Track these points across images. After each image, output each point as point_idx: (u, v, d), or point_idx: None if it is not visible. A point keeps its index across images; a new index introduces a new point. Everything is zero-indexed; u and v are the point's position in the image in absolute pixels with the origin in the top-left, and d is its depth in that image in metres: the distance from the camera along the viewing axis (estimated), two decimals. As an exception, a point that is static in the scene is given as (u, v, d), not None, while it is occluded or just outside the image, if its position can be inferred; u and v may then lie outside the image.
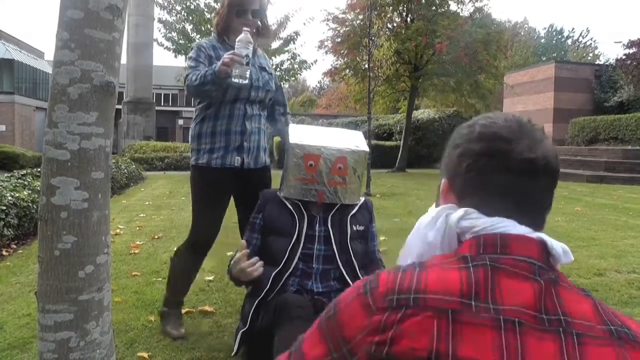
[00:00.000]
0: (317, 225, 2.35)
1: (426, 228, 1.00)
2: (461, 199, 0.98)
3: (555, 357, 0.80)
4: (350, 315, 0.90)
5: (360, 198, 2.49)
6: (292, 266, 2.27)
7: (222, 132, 2.58)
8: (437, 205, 1.03)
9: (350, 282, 2.18)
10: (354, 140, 2.43)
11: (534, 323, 0.82)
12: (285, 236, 2.32)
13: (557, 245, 0.91)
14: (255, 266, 2.12)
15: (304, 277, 2.27)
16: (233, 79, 2.30)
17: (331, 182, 2.33)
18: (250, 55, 2.33)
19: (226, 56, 2.28)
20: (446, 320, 0.81)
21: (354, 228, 2.39)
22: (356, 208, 2.44)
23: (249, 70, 2.34)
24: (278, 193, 2.42)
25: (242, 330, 2.18)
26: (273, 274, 2.24)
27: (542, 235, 0.92)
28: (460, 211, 0.94)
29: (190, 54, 2.60)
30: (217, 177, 2.60)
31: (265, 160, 2.77)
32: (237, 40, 2.33)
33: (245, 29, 2.35)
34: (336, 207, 2.38)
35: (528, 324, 0.82)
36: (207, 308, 3.11)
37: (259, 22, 2.68)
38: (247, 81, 2.36)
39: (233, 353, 2.28)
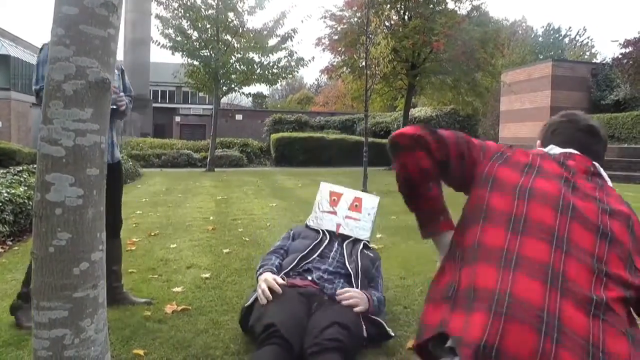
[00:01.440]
0: (336, 244, 2.96)
1: None
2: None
3: (556, 181, 1.42)
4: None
5: (373, 249, 3.20)
6: (313, 257, 2.80)
7: None
8: None
9: (351, 271, 2.75)
10: (370, 194, 3.44)
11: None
12: (310, 239, 2.98)
13: (602, 171, 1.56)
14: (271, 287, 2.45)
15: (320, 264, 2.77)
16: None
17: (348, 217, 3.16)
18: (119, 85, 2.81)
19: None
20: (501, 154, 1.52)
21: (364, 252, 2.97)
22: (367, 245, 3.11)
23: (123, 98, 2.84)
24: (306, 222, 3.24)
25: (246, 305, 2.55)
26: (299, 256, 2.78)
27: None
28: (549, 147, 1.64)
29: (40, 57, 2.71)
30: None
31: (118, 155, 3.01)
32: None
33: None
34: (351, 239, 3.06)
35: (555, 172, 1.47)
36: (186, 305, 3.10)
37: None
38: (118, 106, 2.78)
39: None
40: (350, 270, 2.74)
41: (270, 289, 2.42)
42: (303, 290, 2.50)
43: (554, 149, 1.61)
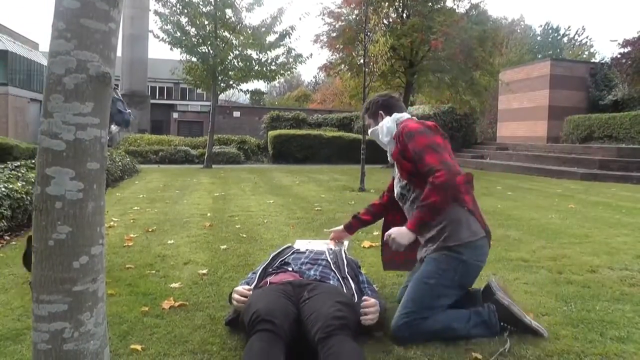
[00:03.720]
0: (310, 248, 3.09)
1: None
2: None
3: None
4: None
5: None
6: (287, 255, 2.94)
7: None
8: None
9: (330, 260, 2.82)
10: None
11: None
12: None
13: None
14: (241, 296, 2.53)
15: (296, 258, 2.87)
16: None
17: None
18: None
19: None
20: None
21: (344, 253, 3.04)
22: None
23: None
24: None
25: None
26: (272, 255, 2.94)
27: None
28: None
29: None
30: None
31: None
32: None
33: None
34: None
35: None
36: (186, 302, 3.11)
37: None
38: None
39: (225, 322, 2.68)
40: (329, 260, 2.81)
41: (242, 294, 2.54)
42: (288, 281, 2.55)
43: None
